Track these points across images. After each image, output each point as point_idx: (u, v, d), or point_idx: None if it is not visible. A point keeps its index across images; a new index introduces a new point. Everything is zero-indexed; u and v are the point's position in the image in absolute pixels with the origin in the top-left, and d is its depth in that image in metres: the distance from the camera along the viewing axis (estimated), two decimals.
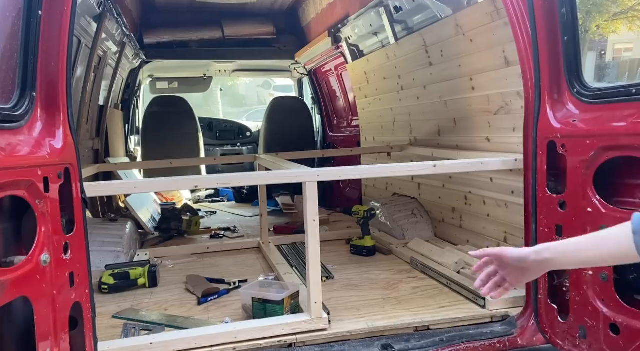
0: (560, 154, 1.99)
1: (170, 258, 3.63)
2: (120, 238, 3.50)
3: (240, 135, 7.54)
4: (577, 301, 1.93)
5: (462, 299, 2.55)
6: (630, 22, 16.94)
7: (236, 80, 16.16)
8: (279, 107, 6.45)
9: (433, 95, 3.55)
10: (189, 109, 6.38)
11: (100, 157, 4.74)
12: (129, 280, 2.94)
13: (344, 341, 2.23)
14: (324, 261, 3.05)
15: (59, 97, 1.68)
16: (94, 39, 3.63)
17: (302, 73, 6.38)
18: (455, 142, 3.35)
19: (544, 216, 2.07)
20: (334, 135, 6.10)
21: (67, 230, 1.69)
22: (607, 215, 1.79)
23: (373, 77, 4.53)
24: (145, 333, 2.32)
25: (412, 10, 3.69)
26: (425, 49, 3.49)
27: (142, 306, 2.69)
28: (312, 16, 5.43)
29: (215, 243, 3.96)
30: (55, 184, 1.61)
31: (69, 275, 1.66)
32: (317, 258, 2.27)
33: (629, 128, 1.72)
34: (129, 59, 5.19)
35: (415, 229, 3.75)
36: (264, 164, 3.49)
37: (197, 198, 6.26)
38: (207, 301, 2.71)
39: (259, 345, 2.16)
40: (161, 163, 4.37)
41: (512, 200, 2.79)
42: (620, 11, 17.08)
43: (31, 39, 1.57)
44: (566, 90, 2.01)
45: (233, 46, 5.77)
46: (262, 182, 3.47)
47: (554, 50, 2.02)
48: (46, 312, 1.52)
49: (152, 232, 4.29)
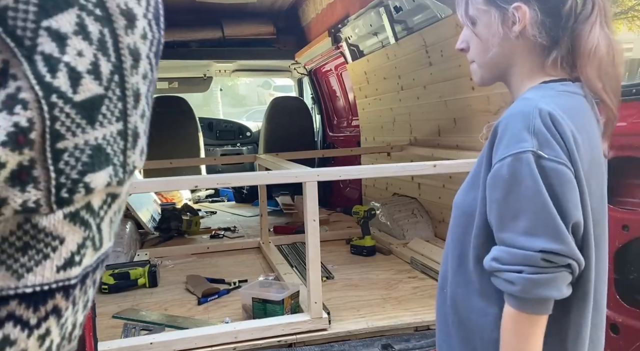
0: None
1: (170, 258, 3.63)
2: (120, 238, 3.50)
3: (240, 135, 7.53)
4: None
5: None
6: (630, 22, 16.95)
7: (236, 80, 16.14)
8: (279, 107, 6.45)
9: (433, 95, 3.55)
10: (189, 109, 6.38)
11: None
12: (129, 280, 2.94)
13: (344, 341, 2.23)
14: (324, 261, 3.04)
15: None
16: None
17: (302, 73, 6.38)
18: (455, 142, 3.35)
19: None
20: (334, 135, 6.10)
21: None
22: (607, 215, 1.79)
23: (373, 77, 4.53)
24: (145, 333, 2.32)
25: (412, 10, 3.69)
26: (425, 49, 3.48)
27: (142, 306, 2.69)
28: (312, 16, 5.43)
29: (215, 243, 3.96)
30: None
31: None
32: (317, 258, 2.27)
33: (629, 128, 1.72)
34: None
35: (415, 229, 3.74)
36: (264, 164, 3.49)
37: (197, 198, 6.26)
38: (207, 301, 2.71)
39: (259, 345, 2.16)
40: (161, 163, 4.37)
41: None
42: (620, 11, 17.08)
43: None
44: None
45: (233, 46, 5.77)
46: (262, 182, 3.47)
47: None
48: None
49: (152, 232, 4.29)
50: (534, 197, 0.84)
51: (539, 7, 0.96)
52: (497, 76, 1.07)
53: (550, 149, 0.86)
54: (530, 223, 0.84)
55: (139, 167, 0.39)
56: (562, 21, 0.96)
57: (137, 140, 0.38)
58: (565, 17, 0.96)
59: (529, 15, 0.96)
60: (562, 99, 0.94)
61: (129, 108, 0.36)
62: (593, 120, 0.98)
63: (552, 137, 0.86)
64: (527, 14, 0.96)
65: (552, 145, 0.86)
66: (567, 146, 0.87)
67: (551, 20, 0.96)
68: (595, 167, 0.96)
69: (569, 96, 0.96)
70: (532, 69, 1.01)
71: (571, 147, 0.88)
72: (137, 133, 0.38)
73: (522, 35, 0.98)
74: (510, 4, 0.98)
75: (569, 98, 0.96)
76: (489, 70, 1.07)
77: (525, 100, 0.94)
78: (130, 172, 0.38)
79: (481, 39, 1.04)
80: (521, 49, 1.00)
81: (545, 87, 0.98)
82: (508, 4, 0.98)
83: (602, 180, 1.01)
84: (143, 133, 0.39)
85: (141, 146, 0.39)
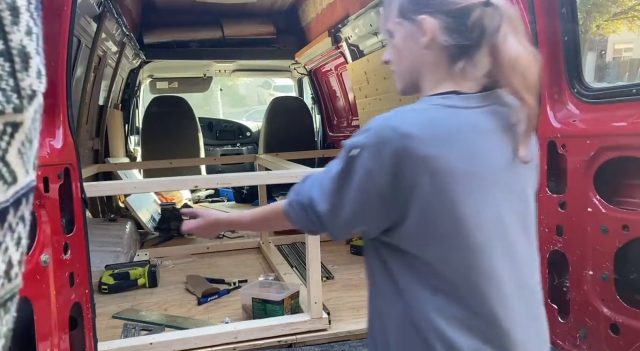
0: (560, 154, 1.98)
1: (170, 258, 3.63)
2: (120, 238, 3.50)
3: (240, 135, 7.53)
4: (577, 301, 1.93)
5: None
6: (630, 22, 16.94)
7: (236, 80, 16.14)
8: (279, 107, 6.45)
9: None
10: (189, 109, 6.38)
11: (100, 157, 4.74)
12: (129, 280, 2.94)
13: (344, 341, 2.22)
14: (324, 261, 3.04)
15: (58, 97, 1.68)
16: (94, 39, 3.63)
17: (302, 73, 6.38)
18: None
19: (544, 216, 2.07)
20: (334, 135, 6.10)
21: (67, 230, 1.68)
22: (608, 215, 1.80)
23: (373, 77, 4.52)
24: (145, 333, 2.32)
25: None
26: None
27: (142, 306, 2.69)
28: (312, 16, 5.43)
29: (215, 243, 3.96)
30: (55, 184, 1.61)
31: (68, 275, 1.66)
32: (317, 258, 2.27)
33: (629, 128, 1.72)
34: (128, 59, 5.19)
35: None
36: (263, 164, 3.49)
37: (197, 198, 6.26)
38: (207, 301, 2.71)
39: (259, 345, 2.16)
40: (161, 163, 4.37)
41: None
42: (620, 11, 17.08)
43: None
44: (566, 90, 2.01)
45: (233, 46, 5.76)
46: (262, 182, 3.47)
47: (554, 50, 2.02)
48: (46, 312, 1.52)
49: (152, 232, 4.29)
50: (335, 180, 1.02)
51: (444, 19, 1.01)
52: (413, 85, 1.12)
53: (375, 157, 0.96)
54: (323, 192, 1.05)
55: (38, 90, 0.35)
56: (467, 32, 1.00)
57: (28, 61, 0.34)
58: (470, 28, 1.00)
59: (435, 27, 1.01)
60: (429, 113, 0.99)
61: (6, 24, 0.32)
62: (482, 131, 0.99)
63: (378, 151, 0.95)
64: (433, 26, 1.01)
65: (377, 155, 0.95)
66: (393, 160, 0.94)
67: (456, 31, 1.01)
68: (484, 175, 0.98)
69: (440, 109, 0.99)
70: (440, 80, 1.05)
71: (401, 162, 0.94)
72: (26, 52, 0.34)
73: (430, 46, 1.03)
74: (418, 16, 1.03)
75: (439, 112, 0.99)
76: (404, 80, 1.12)
77: (382, 116, 1.01)
78: (29, 97, 0.34)
79: (398, 51, 1.11)
80: (431, 59, 1.05)
81: (423, 101, 1.03)
82: (416, 16, 1.03)
83: (509, 184, 1.02)
84: (35, 52, 0.35)
85: (36, 67, 0.35)
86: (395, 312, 1.02)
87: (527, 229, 1.06)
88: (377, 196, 0.97)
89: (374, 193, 0.97)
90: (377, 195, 0.97)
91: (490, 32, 0.99)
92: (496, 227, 1.00)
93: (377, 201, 0.98)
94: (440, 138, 0.95)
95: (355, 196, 0.99)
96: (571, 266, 1.95)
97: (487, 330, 0.98)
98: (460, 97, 1.01)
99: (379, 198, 0.97)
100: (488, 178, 0.99)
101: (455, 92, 1.02)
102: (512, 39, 0.98)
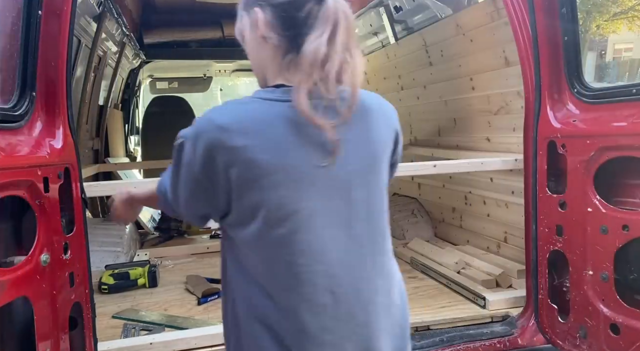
0: (560, 154, 1.99)
1: (170, 258, 3.62)
2: (120, 238, 3.50)
3: None
4: (577, 301, 1.93)
5: (462, 299, 2.55)
6: (630, 22, 16.95)
7: (236, 80, 16.13)
8: None
9: (433, 95, 3.55)
10: (189, 109, 6.38)
11: (100, 157, 4.74)
12: (129, 280, 2.94)
13: None
14: None
15: (58, 97, 1.68)
16: (94, 38, 3.63)
17: None
18: (455, 142, 3.35)
19: (544, 216, 2.07)
20: None
21: (67, 230, 1.69)
22: (608, 215, 1.80)
23: (373, 77, 4.53)
24: (145, 333, 2.32)
25: (412, 10, 3.69)
26: (425, 49, 3.48)
27: (142, 306, 2.69)
28: None
29: (215, 243, 3.96)
30: (55, 184, 1.61)
31: (68, 275, 1.66)
32: None
33: (629, 128, 1.72)
34: (128, 58, 5.19)
35: (415, 229, 3.74)
36: None
37: None
38: (207, 301, 2.71)
39: None
40: (161, 163, 4.37)
41: (512, 200, 2.78)
42: (620, 11, 17.08)
43: (31, 39, 1.56)
44: (566, 90, 2.01)
45: (233, 46, 5.72)
46: None
47: (554, 50, 2.02)
48: (46, 312, 1.52)
49: (152, 232, 4.29)
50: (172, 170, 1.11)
51: (271, 11, 1.01)
52: (263, 79, 1.11)
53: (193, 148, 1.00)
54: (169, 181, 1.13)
55: None
56: (295, 27, 1.00)
57: None
58: (299, 23, 1.00)
59: (263, 19, 1.02)
60: (247, 106, 1.00)
61: None
62: (296, 124, 0.98)
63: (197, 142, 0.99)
64: (261, 18, 1.02)
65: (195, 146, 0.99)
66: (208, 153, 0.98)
67: (282, 25, 1.01)
68: (292, 167, 0.98)
69: (258, 103, 1.00)
70: (275, 73, 1.06)
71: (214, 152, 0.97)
72: None
73: (266, 39, 1.04)
74: (254, 8, 1.04)
75: (256, 105, 1.00)
76: (257, 74, 1.14)
77: (208, 109, 1.03)
78: None
79: (249, 47, 1.12)
80: (269, 52, 1.06)
81: (251, 94, 1.04)
82: (251, 9, 1.05)
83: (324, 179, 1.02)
84: None
85: None
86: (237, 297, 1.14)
87: (350, 227, 1.05)
88: (198, 184, 1.02)
89: (195, 182, 1.02)
90: (198, 184, 1.02)
91: (311, 27, 0.99)
92: (303, 221, 1.00)
93: (200, 189, 1.03)
94: (250, 130, 0.96)
95: (185, 184, 1.05)
96: (571, 266, 1.95)
97: (290, 328, 1.04)
98: (282, 90, 1.01)
99: (200, 186, 1.02)
100: (296, 171, 0.99)
101: (283, 86, 1.02)
102: (323, 39, 0.97)
